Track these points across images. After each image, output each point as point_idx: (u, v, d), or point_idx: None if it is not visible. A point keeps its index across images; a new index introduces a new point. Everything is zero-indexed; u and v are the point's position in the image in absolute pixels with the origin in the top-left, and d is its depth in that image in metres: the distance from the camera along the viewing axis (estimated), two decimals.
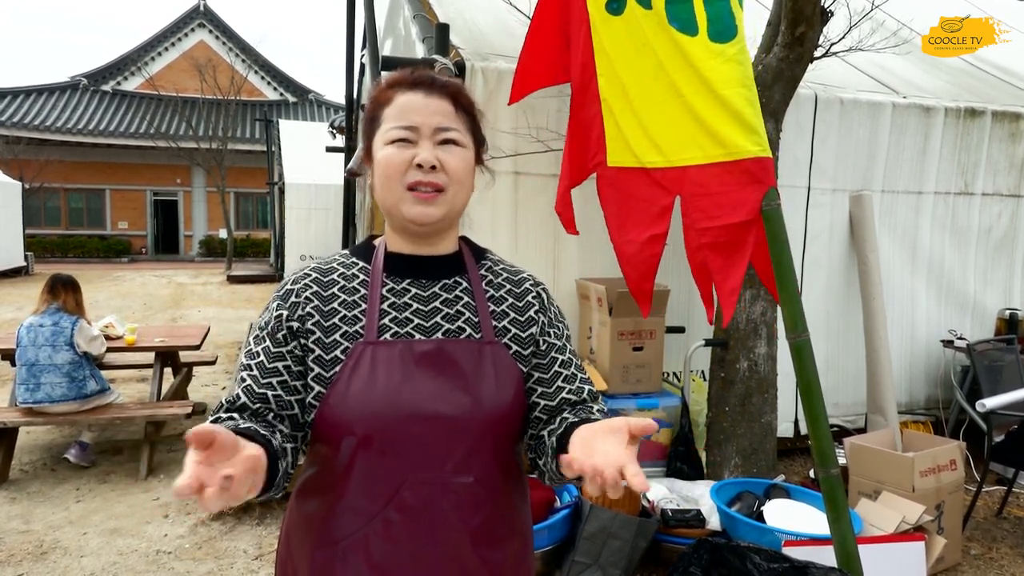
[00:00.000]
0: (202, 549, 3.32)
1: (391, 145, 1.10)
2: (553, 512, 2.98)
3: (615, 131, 2.44)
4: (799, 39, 3.15)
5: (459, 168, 1.12)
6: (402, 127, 1.10)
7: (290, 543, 1.17)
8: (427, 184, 1.09)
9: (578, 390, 1.21)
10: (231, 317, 10.44)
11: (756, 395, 3.54)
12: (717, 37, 2.18)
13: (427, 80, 1.13)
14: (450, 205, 1.12)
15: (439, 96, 1.12)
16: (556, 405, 1.18)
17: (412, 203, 1.10)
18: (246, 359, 1.12)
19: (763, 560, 2.06)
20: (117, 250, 23.06)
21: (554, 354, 1.21)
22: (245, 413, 1.06)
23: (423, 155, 1.08)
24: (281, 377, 1.09)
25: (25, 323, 4.19)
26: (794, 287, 2.11)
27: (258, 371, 1.09)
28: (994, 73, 5.65)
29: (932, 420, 4.71)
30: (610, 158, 2.47)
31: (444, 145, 1.11)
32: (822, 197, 4.40)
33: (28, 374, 4.11)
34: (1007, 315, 4.73)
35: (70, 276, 4.44)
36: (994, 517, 3.76)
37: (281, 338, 1.11)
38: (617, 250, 2.48)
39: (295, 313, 1.11)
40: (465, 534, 1.09)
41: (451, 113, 1.13)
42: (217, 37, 25.87)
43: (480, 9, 4.46)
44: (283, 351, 1.10)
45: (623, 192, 2.42)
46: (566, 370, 1.21)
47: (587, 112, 2.55)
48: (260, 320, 1.15)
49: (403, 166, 1.09)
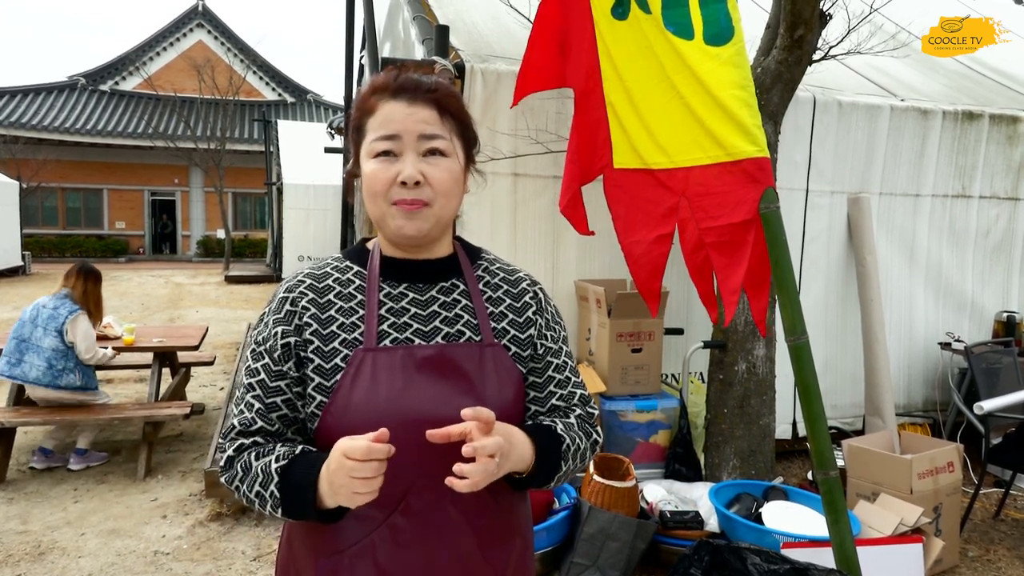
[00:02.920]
0: (200, 550, 3.32)
1: (375, 159, 1.09)
2: (552, 514, 2.98)
3: (620, 134, 2.47)
4: (798, 42, 3.16)
5: (444, 180, 1.10)
6: (385, 137, 1.08)
7: (292, 549, 1.17)
8: (412, 201, 1.08)
9: (568, 395, 1.22)
10: (229, 317, 10.43)
11: (754, 397, 3.55)
12: (713, 40, 2.20)
13: (411, 86, 1.11)
14: (436, 218, 1.12)
15: (423, 103, 1.10)
16: (545, 411, 1.20)
17: (398, 217, 1.09)
18: (247, 377, 1.12)
19: (763, 561, 2.06)
20: (115, 250, 23.03)
21: (549, 358, 1.21)
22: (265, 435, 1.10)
23: (406, 172, 1.07)
24: (285, 395, 1.10)
25: (35, 301, 4.33)
26: (793, 289, 2.12)
27: (261, 390, 1.10)
28: (991, 76, 5.67)
29: (930, 422, 4.71)
30: (616, 160, 2.50)
31: (429, 156, 1.09)
32: (820, 199, 4.41)
33: (14, 348, 4.20)
34: (1004, 317, 4.74)
35: (93, 267, 4.51)
36: (991, 519, 3.77)
37: (278, 357, 1.11)
38: (625, 251, 2.51)
39: (292, 325, 1.11)
40: (471, 536, 1.10)
41: (436, 120, 1.10)
42: (216, 37, 25.84)
43: (479, 11, 4.47)
44: (283, 369, 1.11)
45: (629, 193, 2.46)
46: (559, 375, 1.22)
47: (593, 115, 2.58)
48: (256, 334, 1.15)
49: (387, 183, 1.08)
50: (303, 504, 1.00)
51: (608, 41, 2.49)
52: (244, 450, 1.08)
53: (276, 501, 1.02)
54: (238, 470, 1.06)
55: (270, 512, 1.04)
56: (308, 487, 0.99)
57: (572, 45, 2.69)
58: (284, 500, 1.01)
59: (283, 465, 1.03)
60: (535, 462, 1.09)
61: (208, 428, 5.15)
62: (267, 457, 1.05)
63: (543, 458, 1.10)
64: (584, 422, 1.21)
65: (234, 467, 1.07)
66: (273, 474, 1.02)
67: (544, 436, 1.12)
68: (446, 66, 3.50)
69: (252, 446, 1.08)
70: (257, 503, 1.05)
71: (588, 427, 1.21)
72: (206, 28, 25.86)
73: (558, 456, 1.12)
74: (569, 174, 2.74)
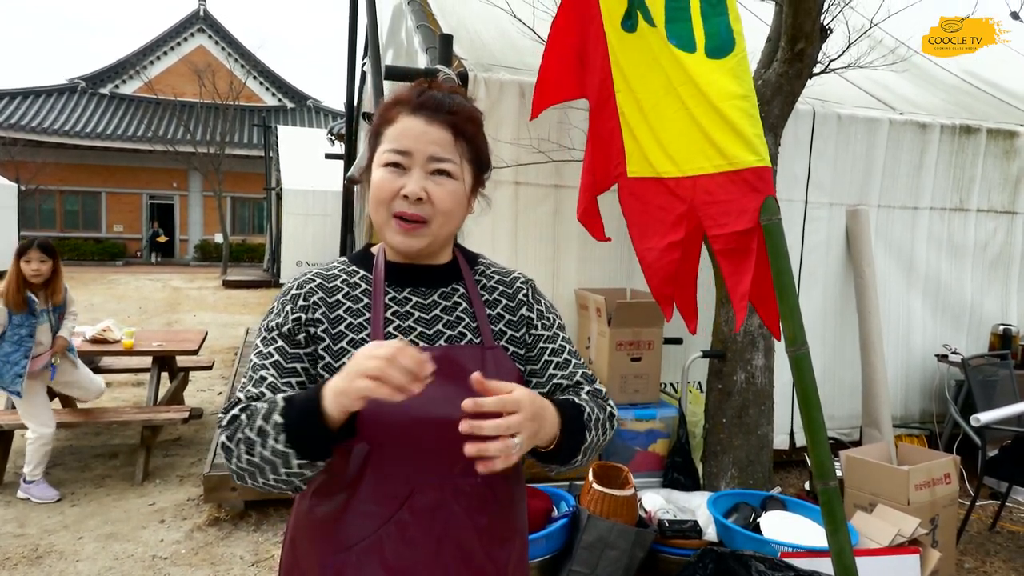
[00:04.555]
0: (198, 555, 3.31)
1: (384, 168, 1.12)
2: (550, 521, 2.98)
3: (633, 143, 2.53)
4: (798, 55, 3.19)
5: (446, 200, 1.13)
6: (396, 151, 1.12)
7: (296, 549, 1.18)
8: (411, 216, 1.11)
9: (570, 374, 1.24)
10: (227, 322, 10.42)
11: (753, 407, 3.56)
12: (714, 53, 2.23)
13: (431, 104, 1.13)
14: (433, 236, 1.14)
15: (440, 124, 1.12)
16: (548, 392, 1.21)
17: (395, 232, 1.13)
18: (258, 359, 1.11)
19: (768, 569, 2.07)
20: (112, 253, 22.98)
21: (543, 344, 1.24)
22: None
23: (410, 186, 1.10)
24: (299, 378, 1.11)
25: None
26: (794, 300, 2.13)
27: (275, 371, 1.10)
28: (989, 91, 5.71)
29: (927, 434, 4.73)
30: (630, 169, 2.56)
31: (435, 175, 1.12)
32: (819, 211, 4.44)
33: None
34: (1001, 330, 4.76)
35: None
36: (988, 531, 3.79)
37: (302, 340, 1.12)
38: (639, 257, 2.57)
39: (309, 316, 1.13)
40: (474, 533, 1.11)
41: (449, 143, 1.13)
42: (217, 42, 25.91)
43: (483, 20, 4.50)
44: (300, 352, 1.12)
45: (642, 201, 2.51)
46: (557, 357, 1.24)
47: (608, 125, 2.64)
48: (267, 322, 1.15)
49: (391, 194, 1.11)
50: (310, 418, 0.96)
51: (619, 52, 2.54)
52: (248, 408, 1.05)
53: (279, 427, 0.97)
54: (241, 420, 1.03)
55: (271, 450, 0.98)
56: (315, 398, 0.96)
57: (588, 56, 2.74)
58: (288, 424, 0.97)
59: (287, 395, 1.02)
60: (561, 432, 1.08)
61: (206, 433, 5.14)
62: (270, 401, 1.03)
63: (568, 429, 1.09)
64: (596, 397, 1.22)
65: (236, 422, 1.03)
66: (277, 402, 1.00)
67: (567, 407, 1.12)
68: (449, 75, 3.52)
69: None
70: (258, 443, 0.99)
71: (601, 401, 1.22)
72: (207, 33, 25.93)
73: (582, 426, 1.12)
74: (585, 183, 2.80)
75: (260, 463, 1.00)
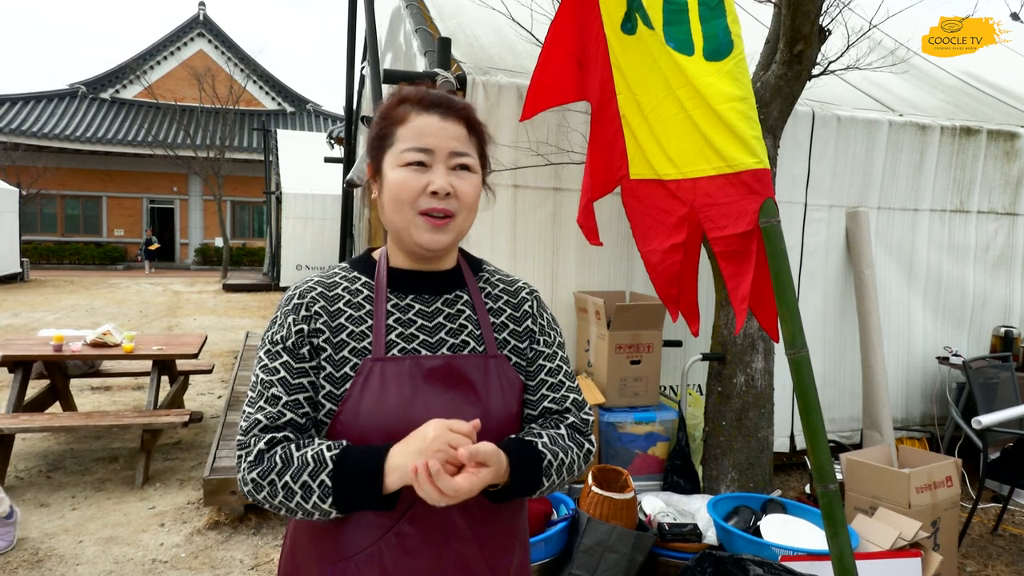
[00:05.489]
0: (198, 558, 3.31)
1: (405, 168, 1.11)
2: (550, 525, 2.98)
3: (634, 146, 2.54)
4: (797, 57, 3.19)
5: (470, 194, 1.14)
6: (418, 149, 1.11)
7: (296, 557, 1.18)
8: (440, 211, 1.11)
9: (561, 399, 1.22)
10: (227, 326, 10.42)
11: (753, 410, 3.56)
12: (712, 56, 2.23)
13: (443, 102, 1.14)
14: (458, 230, 1.15)
15: (454, 120, 1.13)
16: (537, 414, 1.20)
17: (423, 230, 1.12)
18: (264, 374, 1.10)
19: (767, 572, 2.06)
20: (113, 257, 23.02)
21: (541, 361, 1.23)
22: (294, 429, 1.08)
23: (438, 182, 1.10)
24: (307, 393, 1.10)
25: None
26: (794, 303, 2.13)
27: (283, 387, 1.09)
28: (989, 92, 5.71)
29: (928, 436, 4.72)
30: (632, 171, 2.57)
31: (457, 171, 1.12)
32: (819, 213, 4.43)
33: None
34: (1002, 332, 4.75)
35: None
36: (989, 534, 3.77)
37: (305, 353, 1.11)
38: (644, 259, 2.59)
39: (311, 327, 1.12)
40: (475, 543, 1.11)
41: (465, 137, 1.14)
42: (216, 47, 25.94)
43: (481, 23, 4.51)
44: (305, 367, 1.10)
45: (644, 203, 2.52)
46: (552, 378, 1.23)
47: (609, 128, 2.65)
48: (271, 335, 1.14)
49: (416, 192, 1.10)
50: (367, 486, 1.00)
51: (619, 55, 2.55)
52: (277, 444, 1.05)
53: (326, 490, 1.00)
54: (276, 462, 1.03)
55: (312, 504, 1.01)
56: (375, 469, 1.00)
57: (588, 59, 2.74)
58: (338, 488, 1.00)
59: (337, 453, 1.02)
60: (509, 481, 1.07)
61: (206, 436, 5.14)
62: (313, 448, 1.03)
63: (517, 473, 1.08)
64: (576, 431, 1.20)
65: (267, 460, 1.03)
66: (327, 462, 1.01)
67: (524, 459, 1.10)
68: (448, 78, 3.52)
69: (284, 440, 1.06)
70: (299, 495, 1.01)
71: (580, 437, 1.20)
72: (207, 37, 25.97)
73: (538, 472, 1.11)
74: (585, 186, 2.80)
75: (294, 508, 1.03)
